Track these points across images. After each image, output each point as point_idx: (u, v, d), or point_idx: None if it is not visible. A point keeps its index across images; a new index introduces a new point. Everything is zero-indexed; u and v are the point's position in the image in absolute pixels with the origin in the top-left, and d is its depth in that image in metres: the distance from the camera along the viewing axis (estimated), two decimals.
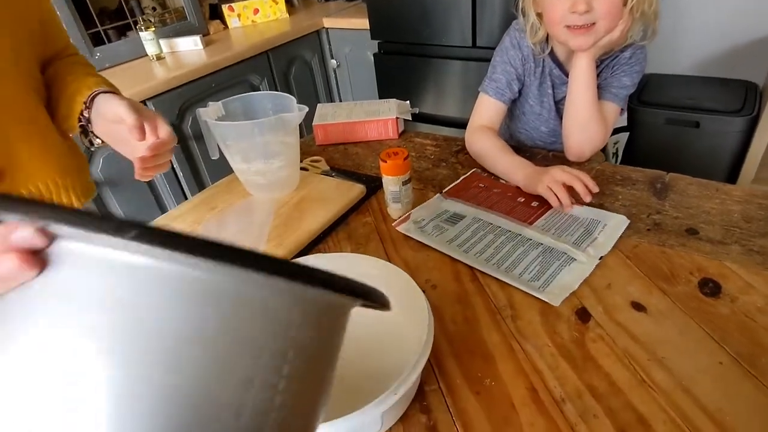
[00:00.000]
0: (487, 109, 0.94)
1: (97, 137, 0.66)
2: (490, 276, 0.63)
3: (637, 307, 0.56)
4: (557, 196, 0.73)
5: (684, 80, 1.62)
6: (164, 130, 0.62)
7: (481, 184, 0.82)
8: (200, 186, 1.75)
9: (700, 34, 1.68)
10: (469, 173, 0.86)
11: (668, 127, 1.48)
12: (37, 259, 0.19)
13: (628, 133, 1.58)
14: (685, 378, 0.48)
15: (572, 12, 0.75)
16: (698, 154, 1.47)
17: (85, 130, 0.66)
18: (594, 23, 0.76)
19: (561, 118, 0.90)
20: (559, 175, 0.74)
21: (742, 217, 0.68)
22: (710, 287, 0.58)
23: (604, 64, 0.88)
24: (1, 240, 0.20)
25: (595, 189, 0.72)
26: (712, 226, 0.68)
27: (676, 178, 0.79)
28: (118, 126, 0.61)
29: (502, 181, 0.83)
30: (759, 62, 1.61)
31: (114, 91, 0.66)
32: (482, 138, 0.90)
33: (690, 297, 0.57)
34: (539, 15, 0.84)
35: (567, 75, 0.88)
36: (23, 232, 0.20)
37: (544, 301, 0.58)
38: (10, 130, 0.62)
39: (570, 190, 0.73)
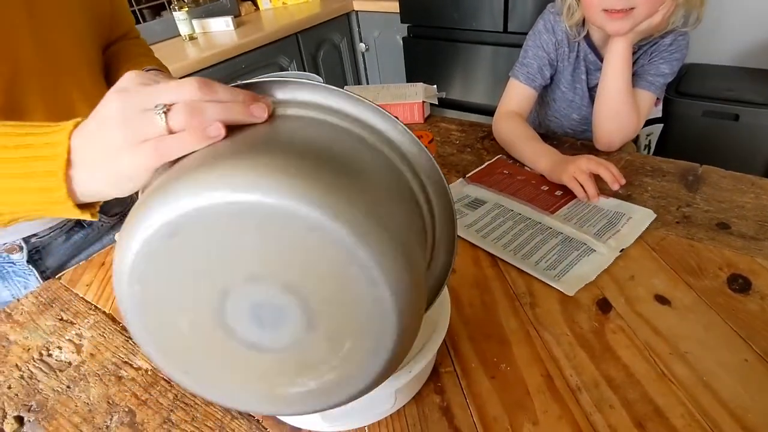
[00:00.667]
0: (517, 95, 0.92)
1: None
2: (509, 262, 0.62)
3: (661, 300, 0.55)
4: (583, 187, 0.71)
5: (723, 71, 1.55)
6: None
7: (505, 171, 0.81)
8: None
9: (742, 23, 1.60)
10: (494, 159, 0.85)
11: (705, 120, 1.42)
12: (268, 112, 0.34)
13: (662, 125, 1.52)
14: (707, 373, 0.47)
15: None
16: (736, 149, 1.41)
17: None
18: (633, 8, 0.73)
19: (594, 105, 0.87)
20: (584, 164, 0.72)
21: None
22: (740, 283, 0.56)
23: (642, 50, 0.85)
24: (254, 97, 0.34)
25: (622, 180, 0.70)
26: (745, 220, 0.65)
27: (709, 170, 0.76)
28: None
29: (527, 168, 0.82)
30: None
31: (161, 70, 0.68)
32: (509, 124, 0.88)
33: (717, 292, 0.55)
34: None
35: (602, 60, 0.86)
36: (266, 98, 0.35)
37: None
38: (79, 105, 0.65)
39: (596, 180, 0.72)
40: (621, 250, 0.62)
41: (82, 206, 0.38)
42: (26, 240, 0.70)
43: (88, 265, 0.72)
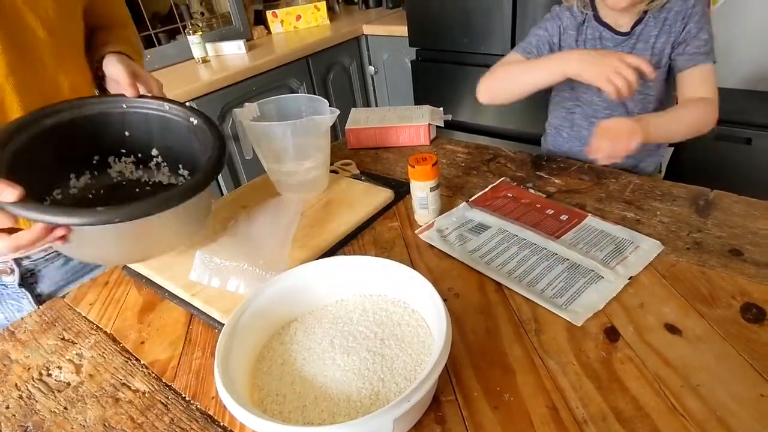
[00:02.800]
0: (508, 60, 0.96)
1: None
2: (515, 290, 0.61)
3: (672, 329, 0.53)
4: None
5: (735, 94, 1.54)
6: (155, 89, 0.69)
7: (509, 194, 0.80)
8: (237, 184, 1.80)
9: (755, 45, 1.59)
10: (497, 182, 0.84)
11: (717, 144, 1.41)
12: None
13: (672, 149, 1.51)
14: (720, 408, 0.45)
15: None
16: (749, 173, 1.39)
17: (102, 88, 0.72)
18: None
19: None
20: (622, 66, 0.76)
21: None
22: (753, 313, 0.54)
23: (654, 19, 0.87)
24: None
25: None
26: (759, 247, 0.63)
27: (721, 195, 0.75)
28: (117, 85, 0.67)
29: (531, 191, 0.81)
30: None
31: (127, 54, 0.70)
32: (496, 68, 0.94)
33: (731, 322, 0.53)
34: None
35: (619, 34, 0.90)
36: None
37: None
38: (65, 80, 0.67)
39: (606, 203, 0.70)
40: (629, 278, 0.60)
41: None
42: (17, 262, 0.70)
43: (92, 284, 0.72)
